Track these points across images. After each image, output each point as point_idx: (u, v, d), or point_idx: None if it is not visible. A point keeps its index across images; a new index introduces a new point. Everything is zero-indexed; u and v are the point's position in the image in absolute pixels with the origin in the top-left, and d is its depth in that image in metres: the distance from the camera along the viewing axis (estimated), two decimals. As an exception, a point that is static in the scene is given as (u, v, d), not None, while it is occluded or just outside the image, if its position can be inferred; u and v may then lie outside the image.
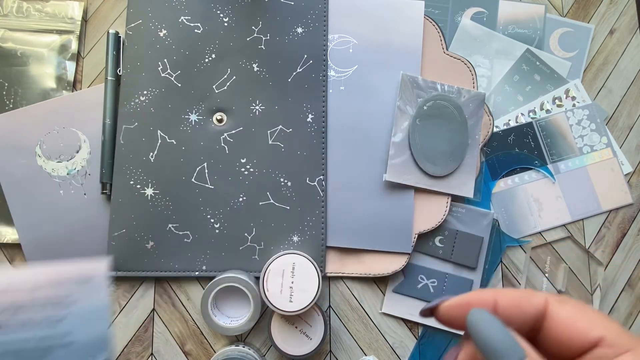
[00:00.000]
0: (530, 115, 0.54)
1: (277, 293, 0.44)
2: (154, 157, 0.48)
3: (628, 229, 0.53)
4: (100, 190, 0.48)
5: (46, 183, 0.48)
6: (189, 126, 0.49)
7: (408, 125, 0.50)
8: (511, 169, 0.53)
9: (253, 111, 0.50)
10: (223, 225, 0.48)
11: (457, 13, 0.55)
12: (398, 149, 0.49)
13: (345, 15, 0.52)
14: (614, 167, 0.54)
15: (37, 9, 0.51)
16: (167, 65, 0.49)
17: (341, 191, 0.50)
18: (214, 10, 0.50)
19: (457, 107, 0.50)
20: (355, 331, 0.50)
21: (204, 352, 0.49)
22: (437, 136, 0.50)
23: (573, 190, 0.53)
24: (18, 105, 0.49)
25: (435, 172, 0.49)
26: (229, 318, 0.47)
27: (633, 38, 0.56)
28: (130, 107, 0.49)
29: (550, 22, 0.56)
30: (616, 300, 0.52)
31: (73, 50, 0.51)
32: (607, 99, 0.55)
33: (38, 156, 0.48)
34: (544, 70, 0.55)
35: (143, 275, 0.48)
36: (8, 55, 0.50)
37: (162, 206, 0.48)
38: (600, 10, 0.56)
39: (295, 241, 0.49)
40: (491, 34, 0.55)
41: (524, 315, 0.20)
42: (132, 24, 0.49)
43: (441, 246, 0.50)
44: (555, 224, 0.53)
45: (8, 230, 0.48)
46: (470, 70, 0.52)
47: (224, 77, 0.50)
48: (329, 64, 0.51)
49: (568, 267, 0.52)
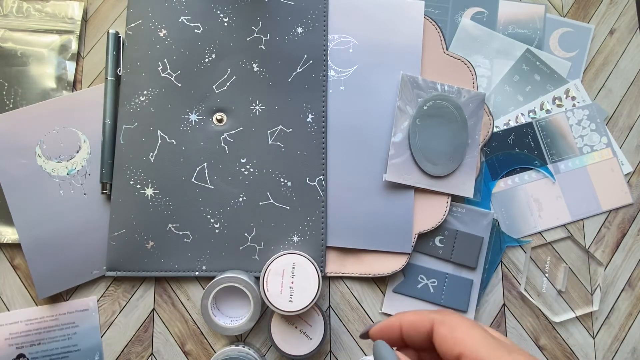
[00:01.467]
0: (530, 115, 0.54)
1: (277, 293, 0.44)
2: (154, 157, 0.48)
3: (628, 229, 0.53)
4: (100, 190, 0.48)
5: (46, 183, 0.48)
6: (189, 126, 0.49)
7: (408, 125, 0.50)
8: (511, 169, 0.53)
9: (253, 111, 0.50)
10: (223, 225, 0.48)
11: (457, 13, 0.55)
12: (398, 149, 0.49)
13: (345, 15, 0.52)
14: (614, 167, 0.54)
15: (37, 9, 0.51)
16: (167, 65, 0.49)
17: (341, 191, 0.50)
18: (214, 10, 0.50)
19: (457, 107, 0.50)
20: (355, 331, 0.50)
21: (204, 352, 0.49)
22: (437, 136, 0.50)
23: (573, 190, 0.53)
24: (18, 105, 0.49)
25: (435, 172, 0.49)
26: (229, 318, 0.47)
27: (633, 38, 0.56)
28: (130, 107, 0.49)
29: (550, 22, 0.56)
30: (616, 300, 0.52)
31: (73, 50, 0.51)
32: (607, 99, 0.55)
33: (38, 156, 0.48)
34: (544, 70, 0.55)
35: (143, 275, 0.48)
36: (8, 55, 0.50)
37: (162, 206, 0.48)
38: (600, 10, 0.56)
39: (295, 241, 0.49)
40: (491, 34, 0.55)
41: (420, 334, 0.26)
42: (132, 24, 0.50)
43: (441, 246, 0.50)
44: (555, 224, 0.53)
45: (8, 230, 0.48)
46: (470, 70, 0.52)
47: (224, 77, 0.50)
48: (329, 64, 0.51)
49: (568, 267, 0.52)
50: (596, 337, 0.51)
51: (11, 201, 0.48)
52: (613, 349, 0.51)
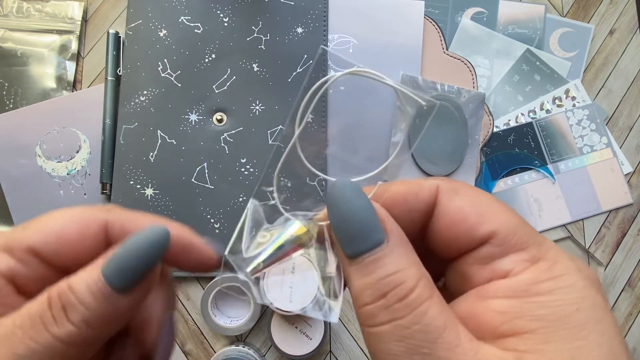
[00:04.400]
0: (530, 115, 0.54)
1: (277, 293, 0.44)
2: (154, 157, 0.48)
3: (628, 229, 0.53)
4: (100, 190, 0.48)
5: (46, 183, 0.48)
6: (189, 126, 0.49)
7: (408, 125, 0.50)
8: (511, 169, 0.53)
9: (253, 111, 0.50)
10: (223, 225, 0.48)
11: (457, 13, 0.55)
12: (398, 149, 0.49)
13: (345, 16, 0.52)
14: (614, 167, 0.54)
15: (37, 9, 0.51)
16: (167, 65, 0.49)
17: (341, 191, 0.49)
18: (214, 10, 0.50)
19: (457, 107, 0.50)
20: (355, 331, 0.50)
21: (204, 352, 0.49)
22: (437, 136, 0.50)
23: (573, 190, 0.53)
24: (18, 105, 0.49)
25: (435, 172, 0.49)
26: (229, 318, 0.47)
27: (633, 38, 0.56)
28: (130, 107, 0.49)
29: (550, 22, 0.56)
30: (616, 300, 0.52)
31: (73, 50, 0.51)
32: (607, 99, 0.55)
33: (38, 156, 0.48)
34: (544, 70, 0.55)
35: (143, 275, 0.48)
36: (8, 55, 0.50)
37: (162, 206, 0.48)
38: (600, 10, 0.56)
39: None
40: (491, 34, 0.55)
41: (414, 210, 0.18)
42: (132, 24, 0.49)
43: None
44: (555, 224, 0.53)
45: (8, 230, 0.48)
46: (470, 70, 0.52)
47: (224, 77, 0.50)
48: (329, 64, 0.51)
49: (568, 267, 0.52)
50: (596, 337, 0.51)
51: (11, 201, 0.48)
52: (613, 349, 0.51)
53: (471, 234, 0.17)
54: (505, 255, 0.16)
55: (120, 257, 0.16)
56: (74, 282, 0.16)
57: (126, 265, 0.16)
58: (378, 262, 0.16)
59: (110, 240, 0.18)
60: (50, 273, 0.18)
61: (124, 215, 0.19)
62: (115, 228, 0.18)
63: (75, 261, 0.18)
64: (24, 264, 0.17)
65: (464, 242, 0.17)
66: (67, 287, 0.16)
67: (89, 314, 0.15)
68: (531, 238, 0.16)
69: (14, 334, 0.15)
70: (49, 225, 0.17)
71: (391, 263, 0.16)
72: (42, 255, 0.17)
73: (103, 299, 0.16)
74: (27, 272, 0.17)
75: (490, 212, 0.17)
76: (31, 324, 0.15)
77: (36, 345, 0.15)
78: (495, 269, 0.16)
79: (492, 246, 0.16)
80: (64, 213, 0.18)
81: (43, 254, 0.17)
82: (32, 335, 0.15)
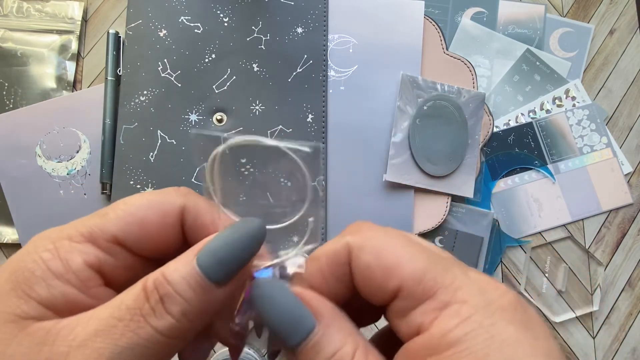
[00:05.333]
0: (530, 115, 0.54)
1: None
2: (154, 157, 0.48)
3: (628, 229, 0.53)
4: (100, 190, 0.48)
5: (46, 183, 0.48)
6: (189, 126, 0.49)
7: (408, 125, 0.50)
8: (511, 169, 0.53)
9: (253, 111, 0.50)
10: (223, 225, 0.48)
11: (457, 13, 0.55)
12: (398, 149, 0.49)
13: (345, 15, 0.52)
14: (614, 167, 0.54)
15: (37, 9, 0.51)
16: (167, 65, 0.49)
17: (341, 191, 0.50)
18: (214, 10, 0.50)
19: (457, 107, 0.50)
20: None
21: (204, 352, 0.49)
22: (437, 136, 0.50)
23: (573, 190, 0.53)
24: (18, 105, 0.49)
25: (435, 172, 0.49)
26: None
27: (633, 38, 0.56)
28: (130, 107, 0.49)
29: (550, 22, 0.56)
30: (616, 300, 0.52)
31: (73, 50, 0.51)
32: (607, 99, 0.55)
33: (38, 156, 0.48)
34: (544, 70, 0.55)
35: (143, 275, 0.48)
36: (8, 55, 0.50)
37: (162, 206, 0.48)
38: (600, 10, 0.56)
39: (295, 241, 0.49)
40: (491, 34, 0.55)
41: (344, 269, 0.18)
42: (132, 24, 0.49)
43: (441, 246, 0.50)
44: (555, 224, 0.53)
45: (8, 230, 0.48)
46: (470, 70, 0.52)
47: (224, 77, 0.50)
48: (329, 64, 0.51)
49: (568, 267, 0.52)
50: (596, 337, 0.51)
51: (11, 201, 0.48)
52: (613, 349, 0.51)
53: (382, 290, 0.16)
54: (415, 307, 0.16)
55: (220, 249, 0.16)
56: (169, 273, 0.16)
57: (225, 257, 0.16)
58: (315, 347, 0.16)
59: (185, 228, 0.18)
60: (135, 262, 0.17)
61: (199, 203, 0.19)
62: (190, 216, 0.18)
63: (156, 249, 0.17)
64: (110, 255, 0.17)
65: (379, 298, 0.17)
66: (162, 278, 0.15)
67: (186, 306, 0.15)
68: (439, 282, 0.16)
69: (114, 326, 0.15)
70: (130, 213, 0.17)
71: (327, 344, 0.16)
72: (126, 245, 0.17)
73: (200, 290, 0.15)
74: (113, 263, 0.17)
75: (396, 264, 0.16)
76: (130, 315, 0.15)
77: (137, 338, 0.15)
78: (410, 323, 0.16)
79: (401, 300, 0.16)
80: (142, 199, 0.18)
81: (127, 244, 0.17)
82: (132, 327, 0.15)
